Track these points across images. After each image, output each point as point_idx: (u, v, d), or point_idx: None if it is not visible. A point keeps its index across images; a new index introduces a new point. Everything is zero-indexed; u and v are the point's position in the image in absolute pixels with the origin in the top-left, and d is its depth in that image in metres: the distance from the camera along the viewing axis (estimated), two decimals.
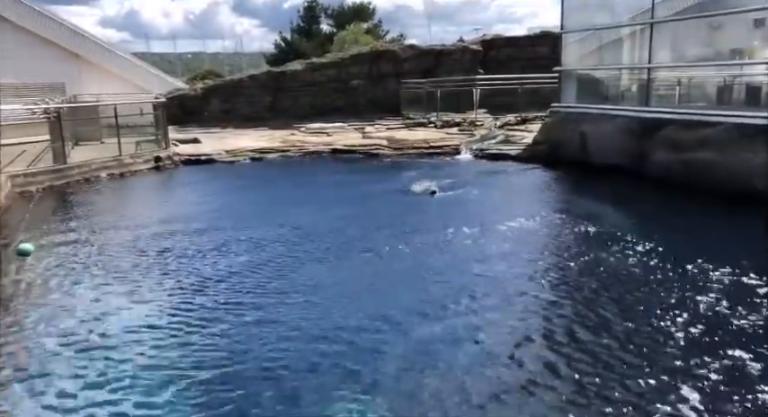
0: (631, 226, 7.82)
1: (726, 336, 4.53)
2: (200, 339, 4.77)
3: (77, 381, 4.15)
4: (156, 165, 13.96)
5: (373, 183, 11.88)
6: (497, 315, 5.10)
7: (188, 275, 6.33)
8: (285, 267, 6.50)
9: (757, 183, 8.55)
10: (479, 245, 7.18)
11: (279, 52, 36.48)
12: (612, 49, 13.11)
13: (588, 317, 5.02)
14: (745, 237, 7.38)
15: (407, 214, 9.12)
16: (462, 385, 3.94)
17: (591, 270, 6.19)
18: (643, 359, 4.23)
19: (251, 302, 5.50)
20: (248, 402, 3.81)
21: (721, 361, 4.13)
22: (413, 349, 4.50)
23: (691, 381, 3.89)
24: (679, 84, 11.83)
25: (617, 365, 4.16)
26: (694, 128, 9.93)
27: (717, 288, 5.53)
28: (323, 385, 3.99)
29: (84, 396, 3.94)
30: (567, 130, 12.86)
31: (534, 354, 4.39)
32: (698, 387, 3.81)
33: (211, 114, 22.58)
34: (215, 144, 16.76)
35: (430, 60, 23.89)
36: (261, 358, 4.40)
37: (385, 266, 6.55)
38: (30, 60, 19.26)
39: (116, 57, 22.81)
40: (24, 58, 19.08)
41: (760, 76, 10.71)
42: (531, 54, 23.70)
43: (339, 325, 4.94)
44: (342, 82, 23.41)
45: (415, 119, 20.38)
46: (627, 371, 4.06)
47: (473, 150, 15.14)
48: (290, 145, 16.81)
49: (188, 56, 68.20)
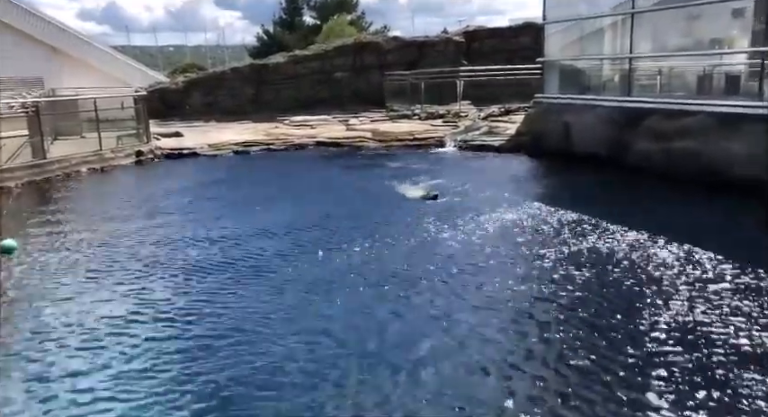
0: (612, 214, 7.87)
1: (695, 312, 4.62)
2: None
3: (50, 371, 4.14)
4: (137, 160, 13.80)
5: (360, 180, 11.64)
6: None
7: (156, 271, 6.25)
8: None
9: (737, 172, 8.66)
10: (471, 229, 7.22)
11: (261, 45, 36.16)
12: (594, 40, 13.17)
13: (564, 296, 5.08)
14: (723, 224, 7.51)
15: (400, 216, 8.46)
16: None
17: (572, 256, 6.24)
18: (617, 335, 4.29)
19: (212, 311, 5.27)
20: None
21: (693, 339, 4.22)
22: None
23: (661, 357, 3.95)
24: (660, 73, 11.94)
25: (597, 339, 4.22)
26: (675, 118, 10.03)
27: (696, 273, 5.62)
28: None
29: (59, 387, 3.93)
30: (550, 121, 12.93)
31: (522, 330, 4.44)
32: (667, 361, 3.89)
33: (193, 108, 22.35)
34: (197, 137, 16.60)
35: (413, 52, 23.83)
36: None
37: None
38: (6, 54, 18.88)
39: (96, 50, 22.47)
40: (0, 52, 18.70)
41: (738, 66, 10.83)
42: (515, 45, 23.74)
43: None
44: (325, 74, 23.28)
45: (400, 112, 20.35)
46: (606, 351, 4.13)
47: (457, 142, 15.16)
48: (274, 138, 16.71)
49: (169, 49, 67.32)
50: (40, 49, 20.61)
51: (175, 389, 3.87)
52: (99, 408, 3.70)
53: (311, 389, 3.81)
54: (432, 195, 9.21)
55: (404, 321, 4.86)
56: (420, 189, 9.81)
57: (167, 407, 3.67)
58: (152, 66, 32.80)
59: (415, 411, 3.56)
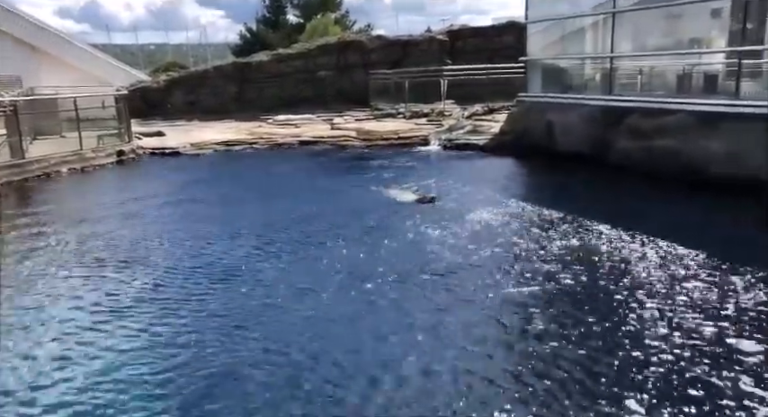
0: (594, 212, 7.95)
1: (668, 302, 4.70)
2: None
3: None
4: (119, 159, 13.65)
5: (348, 182, 11.24)
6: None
7: (123, 273, 6.17)
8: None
9: (716, 170, 8.80)
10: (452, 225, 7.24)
11: (244, 43, 35.95)
12: (576, 39, 13.29)
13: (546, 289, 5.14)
14: (701, 222, 7.63)
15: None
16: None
17: (554, 254, 6.31)
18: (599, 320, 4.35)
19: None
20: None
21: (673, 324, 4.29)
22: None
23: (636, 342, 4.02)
24: (641, 72, 12.08)
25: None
26: (655, 116, 10.16)
27: (670, 268, 5.71)
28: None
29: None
30: (533, 120, 13.02)
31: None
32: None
33: (175, 107, 22.16)
34: (180, 137, 16.46)
35: (397, 51, 23.86)
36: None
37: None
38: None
39: (75, 48, 22.18)
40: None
41: (716, 65, 11.00)
42: (498, 44, 23.85)
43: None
44: (309, 73, 23.21)
45: (384, 111, 20.35)
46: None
47: (441, 141, 15.22)
48: (258, 137, 16.63)
49: (151, 47, 66.55)
50: (18, 48, 20.30)
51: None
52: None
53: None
54: (429, 198, 8.86)
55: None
56: (413, 192, 9.49)
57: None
58: (133, 64, 32.44)
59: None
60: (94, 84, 19.57)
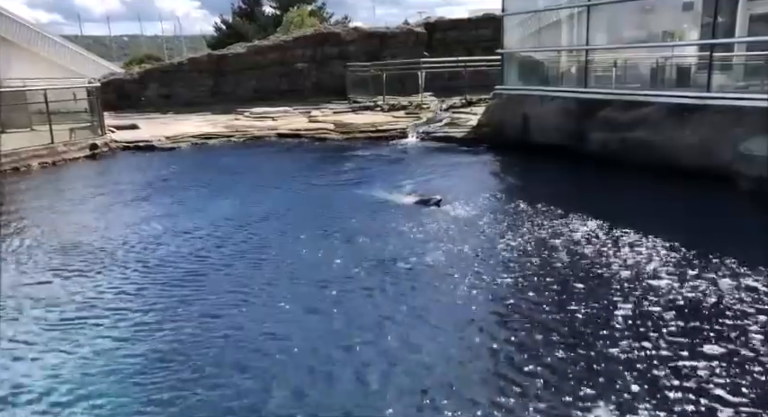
0: (564, 201, 8.06)
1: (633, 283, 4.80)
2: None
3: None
4: (91, 153, 13.38)
5: (336, 180, 10.56)
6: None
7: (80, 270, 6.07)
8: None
9: (687, 161, 8.95)
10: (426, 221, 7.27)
11: (220, 35, 35.44)
12: (552, 32, 13.37)
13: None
14: (666, 207, 7.78)
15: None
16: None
17: (532, 243, 6.38)
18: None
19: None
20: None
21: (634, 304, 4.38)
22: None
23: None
24: (615, 65, 12.20)
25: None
26: (629, 108, 10.30)
27: (644, 251, 5.83)
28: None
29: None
30: (509, 112, 13.09)
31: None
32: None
33: (150, 99, 21.80)
34: (155, 130, 16.20)
35: (375, 43, 23.76)
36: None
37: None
38: None
39: (46, 39, 21.59)
40: None
41: (689, 58, 11.17)
42: (475, 37, 23.92)
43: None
44: (286, 65, 23.01)
45: (362, 103, 20.28)
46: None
47: (420, 133, 15.23)
48: (234, 130, 16.45)
49: (124, 39, 65.38)
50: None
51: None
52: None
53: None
54: (435, 201, 8.06)
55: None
56: (413, 193, 8.78)
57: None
58: (106, 56, 31.79)
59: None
60: (65, 76, 19.13)
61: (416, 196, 8.71)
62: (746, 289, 5.01)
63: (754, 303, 4.75)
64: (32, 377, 3.98)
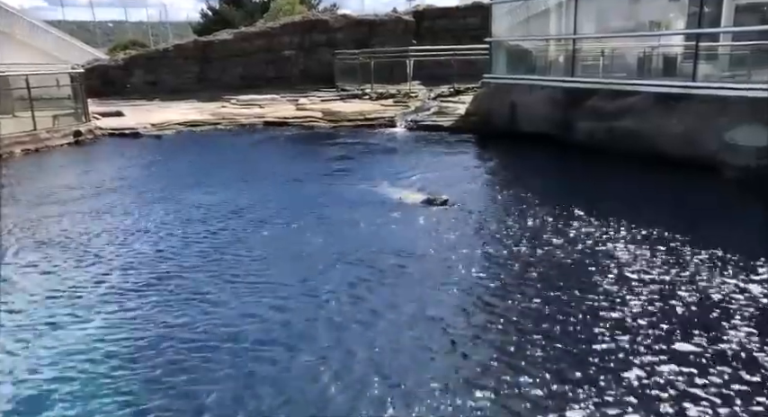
0: (549, 188, 8.11)
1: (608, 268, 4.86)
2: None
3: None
4: (75, 140, 13.23)
5: (334, 174, 10.09)
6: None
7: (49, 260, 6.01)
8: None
9: (673, 149, 9.03)
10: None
11: (206, 21, 34.89)
12: (540, 21, 13.37)
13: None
14: (653, 197, 7.85)
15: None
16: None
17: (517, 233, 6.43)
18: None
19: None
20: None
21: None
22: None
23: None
24: (603, 54, 12.22)
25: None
26: (616, 98, 10.34)
27: (627, 241, 5.89)
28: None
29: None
30: (497, 101, 13.10)
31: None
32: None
33: (135, 86, 21.51)
34: (140, 117, 16.02)
35: (363, 31, 23.56)
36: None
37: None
38: None
39: (27, 24, 21.17)
40: None
41: (675, 47, 11.22)
42: (464, 25, 23.80)
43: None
44: (273, 52, 22.77)
45: (350, 91, 20.17)
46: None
47: (408, 122, 15.21)
48: (221, 117, 16.32)
49: (108, 25, 64.20)
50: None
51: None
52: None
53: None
54: (441, 200, 7.58)
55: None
56: (419, 191, 8.23)
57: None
58: (90, 42, 31.21)
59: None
60: (48, 62, 18.80)
61: (413, 191, 8.40)
62: (725, 276, 5.08)
63: (735, 291, 4.82)
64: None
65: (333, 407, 3.44)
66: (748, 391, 3.44)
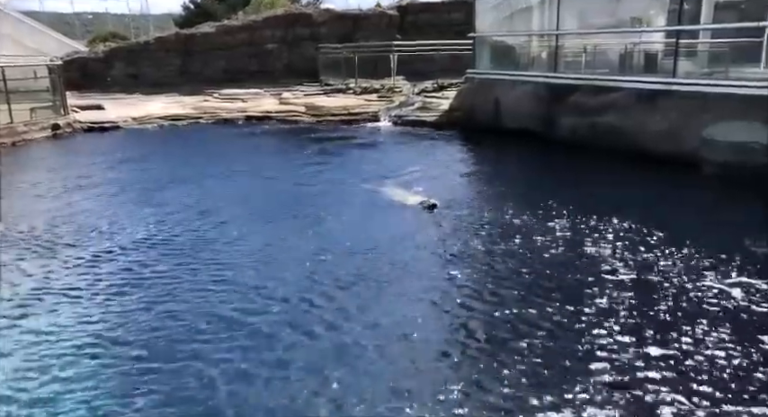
0: (532, 187, 8.15)
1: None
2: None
3: None
4: (54, 133, 13.01)
5: (324, 173, 9.77)
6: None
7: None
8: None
9: (654, 145, 9.12)
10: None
11: (188, 14, 34.48)
12: (523, 17, 13.40)
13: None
14: (633, 194, 7.93)
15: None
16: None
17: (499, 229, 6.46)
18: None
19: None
20: None
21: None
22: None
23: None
24: (585, 51, 12.30)
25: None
26: (598, 93, 10.42)
27: (607, 237, 5.96)
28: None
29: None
30: (481, 96, 13.13)
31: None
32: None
33: (115, 79, 21.22)
34: (120, 110, 15.80)
35: (347, 25, 23.48)
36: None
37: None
38: None
39: (3, 15, 20.75)
40: None
41: (656, 44, 11.33)
42: (448, 20, 23.80)
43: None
44: (255, 46, 22.60)
45: (334, 86, 20.08)
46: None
47: (392, 117, 15.19)
48: (203, 111, 16.16)
49: (88, 16, 63.20)
50: None
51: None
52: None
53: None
54: (429, 204, 7.28)
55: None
56: (416, 194, 7.89)
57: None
58: (69, 34, 30.70)
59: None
60: (25, 54, 18.43)
61: (396, 187, 8.29)
62: (699, 272, 5.15)
63: (708, 287, 4.88)
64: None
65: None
66: (719, 388, 3.48)
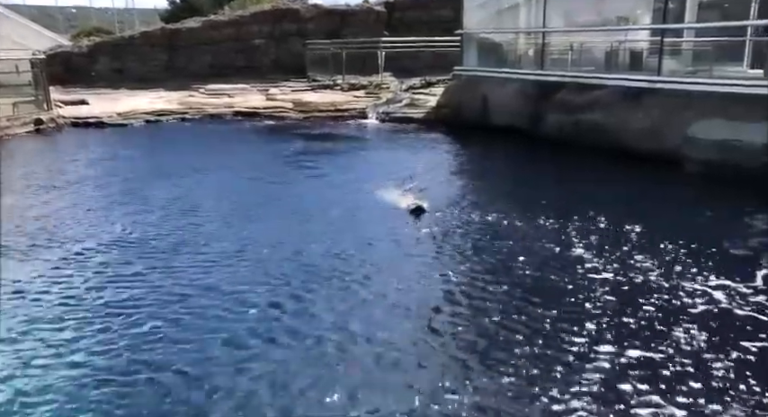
0: (518, 185, 8.19)
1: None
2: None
3: None
4: (36, 129, 12.84)
5: (309, 169, 9.62)
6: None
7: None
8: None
9: (638, 143, 9.21)
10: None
11: (174, 8, 34.16)
12: (511, 14, 13.48)
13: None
14: (617, 193, 8.01)
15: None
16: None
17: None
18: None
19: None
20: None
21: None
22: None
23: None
24: (571, 48, 12.39)
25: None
26: (584, 91, 10.50)
27: (589, 236, 6.01)
28: None
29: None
30: (468, 94, 13.17)
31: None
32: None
33: (100, 74, 20.97)
34: (105, 105, 15.63)
35: (335, 21, 23.39)
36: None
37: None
38: None
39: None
40: None
41: (641, 42, 11.44)
42: (436, 17, 23.78)
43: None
44: (242, 41, 22.44)
45: (321, 82, 20.01)
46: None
47: (380, 114, 15.19)
48: (189, 107, 16.04)
49: (72, 10, 62.27)
50: None
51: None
52: None
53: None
54: (417, 206, 6.83)
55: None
56: (403, 193, 7.56)
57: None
58: (52, 28, 30.26)
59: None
60: (7, 48, 18.15)
61: (383, 185, 8.11)
62: (677, 270, 5.22)
63: (685, 286, 4.92)
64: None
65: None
66: (700, 390, 3.51)
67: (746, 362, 3.72)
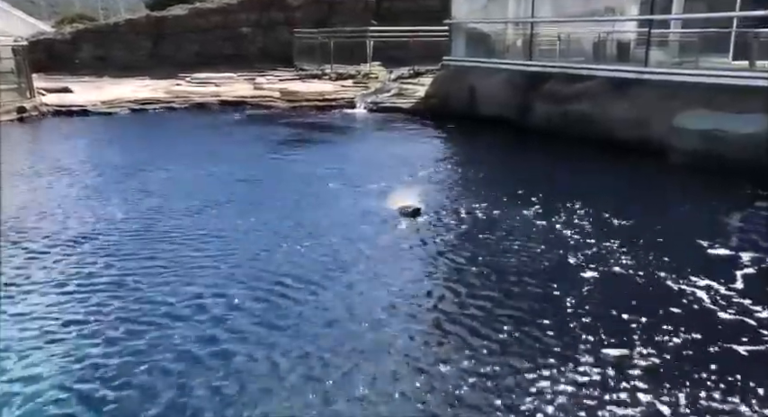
0: (506, 176, 8.20)
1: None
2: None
3: None
4: (19, 117, 12.64)
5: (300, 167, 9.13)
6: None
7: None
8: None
9: (624, 134, 9.27)
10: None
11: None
12: (499, 4, 13.46)
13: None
14: (603, 183, 8.07)
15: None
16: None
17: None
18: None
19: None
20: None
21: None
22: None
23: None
24: (559, 39, 12.39)
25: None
26: (571, 82, 10.53)
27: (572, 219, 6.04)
28: None
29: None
30: (456, 84, 13.15)
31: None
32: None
33: (84, 62, 20.69)
34: (89, 94, 15.42)
35: (323, 10, 23.22)
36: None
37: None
38: None
39: None
40: None
41: (629, 33, 11.48)
42: (424, 6, 23.66)
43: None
44: (229, 29, 22.23)
45: (309, 71, 19.88)
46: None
47: (368, 103, 15.13)
48: (175, 96, 15.86)
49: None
50: None
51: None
52: None
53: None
54: (412, 210, 6.58)
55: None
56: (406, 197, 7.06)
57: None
58: (34, 14, 29.74)
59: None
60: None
61: (370, 178, 8.03)
62: (660, 262, 5.27)
63: (666, 278, 4.98)
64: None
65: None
66: (683, 384, 3.55)
67: (732, 355, 3.76)
